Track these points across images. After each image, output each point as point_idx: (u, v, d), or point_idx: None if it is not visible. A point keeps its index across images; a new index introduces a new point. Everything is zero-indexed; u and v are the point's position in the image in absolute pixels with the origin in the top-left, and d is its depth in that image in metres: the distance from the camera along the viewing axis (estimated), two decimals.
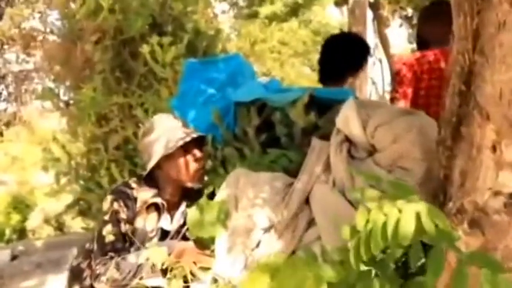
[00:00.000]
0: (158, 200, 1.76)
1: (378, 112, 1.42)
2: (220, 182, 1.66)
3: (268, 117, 2.04)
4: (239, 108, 2.15)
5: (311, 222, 1.39)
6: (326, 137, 1.81)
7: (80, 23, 3.88)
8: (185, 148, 1.77)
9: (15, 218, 10.42)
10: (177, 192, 1.82)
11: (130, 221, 1.70)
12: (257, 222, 1.40)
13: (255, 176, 1.56)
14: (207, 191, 1.75)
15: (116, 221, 1.67)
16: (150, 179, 1.80)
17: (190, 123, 2.49)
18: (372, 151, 1.44)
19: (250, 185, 1.52)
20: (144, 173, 1.80)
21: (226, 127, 2.17)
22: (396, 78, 2.27)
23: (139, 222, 1.72)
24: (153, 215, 1.76)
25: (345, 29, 6.88)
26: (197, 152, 1.80)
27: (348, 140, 1.49)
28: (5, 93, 9.37)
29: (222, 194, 1.57)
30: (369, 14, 8.11)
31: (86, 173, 4.20)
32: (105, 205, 1.71)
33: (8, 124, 10.03)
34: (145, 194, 1.75)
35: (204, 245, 1.55)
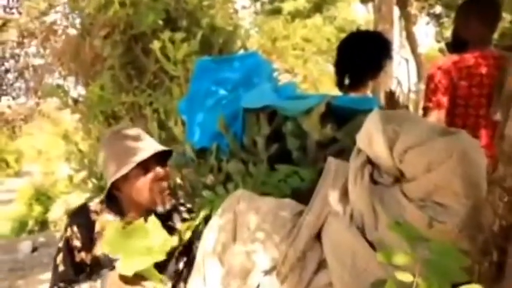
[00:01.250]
0: (120, 224, 1.51)
1: (408, 129, 1.15)
2: (219, 204, 1.42)
3: (279, 126, 1.80)
4: (248, 115, 1.91)
5: (322, 264, 1.14)
6: (345, 153, 1.55)
7: (89, 17, 3.70)
8: (144, 166, 1.47)
9: (37, 209, 10.59)
10: (142, 214, 1.52)
11: (87, 248, 1.48)
12: (257, 262, 1.15)
13: (259, 201, 1.31)
14: (203, 213, 1.52)
15: (67, 249, 1.48)
16: (111, 201, 1.55)
17: (196, 128, 2.27)
18: (399, 177, 1.18)
19: (252, 212, 1.28)
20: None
21: (233, 136, 1.93)
22: (429, 84, 1.98)
23: (99, 249, 1.49)
24: None
25: (371, 27, 6.55)
26: (160, 170, 1.50)
27: (370, 161, 1.23)
28: (23, 87, 9.34)
29: (217, 220, 1.33)
30: (396, 11, 7.78)
31: (99, 171, 4.07)
32: (62, 230, 1.54)
33: (27, 118, 10.04)
34: (105, 217, 1.52)
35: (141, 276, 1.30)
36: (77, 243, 1.48)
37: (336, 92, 2.14)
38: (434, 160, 1.05)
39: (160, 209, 1.50)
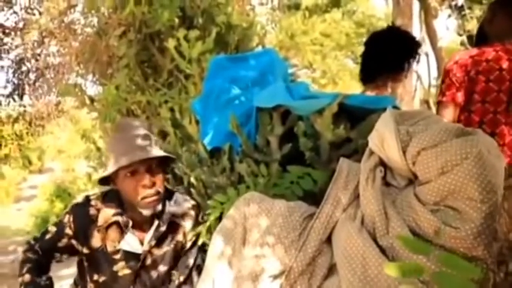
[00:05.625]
0: (120, 219, 1.52)
1: (422, 130, 1.12)
2: (230, 206, 1.40)
3: (293, 125, 1.76)
4: (261, 114, 1.88)
5: (332, 269, 1.11)
6: (358, 153, 1.52)
7: (105, 16, 3.72)
8: (132, 170, 1.45)
9: (59, 206, 10.77)
10: (138, 212, 1.52)
11: (78, 238, 1.52)
12: (266, 266, 1.13)
13: (269, 204, 1.29)
14: (214, 215, 1.50)
15: (59, 230, 1.54)
16: (112, 194, 1.56)
17: (210, 127, 2.25)
18: (412, 180, 1.14)
19: (263, 215, 1.26)
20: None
21: (246, 135, 1.90)
22: (445, 79, 1.91)
23: (96, 242, 1.51)
24: (115, 234, 1.52)
25: (390, 21, 6.44)
26: (146, 178, 1.45)
27: (382, 163, 1.20)
28: (45, 86, 9.47)
29: (227, 222, 1.31)
30: (416, 4, 7.62)
31: None
32: (61, 215, 1.58)
33: (48, 116, 10.18)
34: (107, 211, 1.53)
35: None
36: (69, 231, 1.52)
37: (355, 87, 2.13)
38: (449, 162, 1.01)
39: (145, 212, 1.48)
